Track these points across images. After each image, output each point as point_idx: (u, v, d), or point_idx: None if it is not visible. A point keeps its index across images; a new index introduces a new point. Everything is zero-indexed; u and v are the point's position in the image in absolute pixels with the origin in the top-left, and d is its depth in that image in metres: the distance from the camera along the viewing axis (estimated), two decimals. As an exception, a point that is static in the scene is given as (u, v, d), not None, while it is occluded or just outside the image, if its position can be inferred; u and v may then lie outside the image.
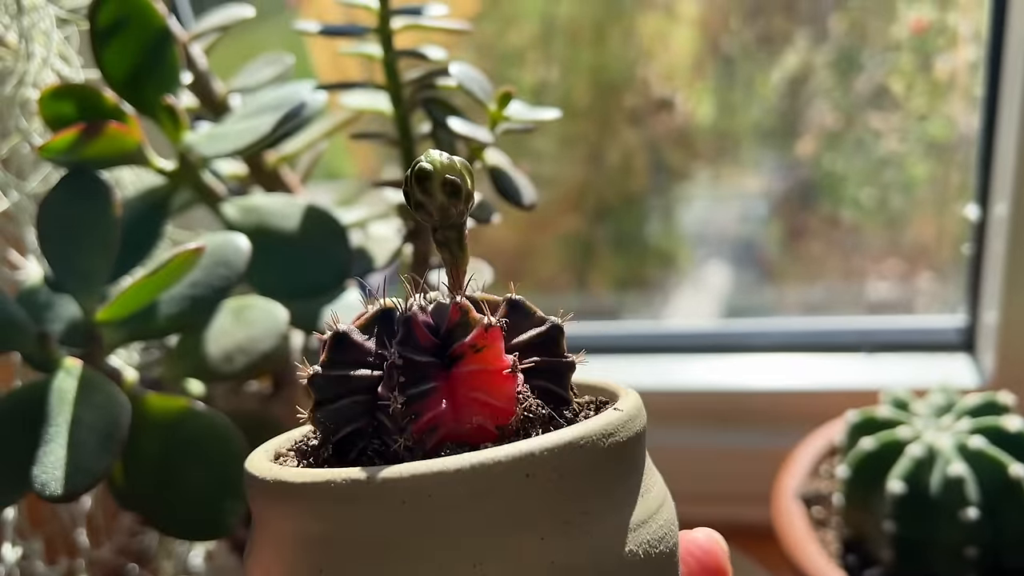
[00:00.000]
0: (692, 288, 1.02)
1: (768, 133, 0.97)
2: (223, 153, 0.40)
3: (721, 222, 1.05)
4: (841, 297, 0.95)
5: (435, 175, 0.23)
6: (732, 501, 0.70)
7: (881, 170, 0.93)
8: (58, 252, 0.39)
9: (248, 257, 0.40)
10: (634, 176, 1.04)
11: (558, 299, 1.08)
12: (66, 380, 0.36)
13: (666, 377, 0.73)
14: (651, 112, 1.01)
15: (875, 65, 0.90)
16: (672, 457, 0.72)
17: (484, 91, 0.42)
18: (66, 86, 0.42)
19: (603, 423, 0.23)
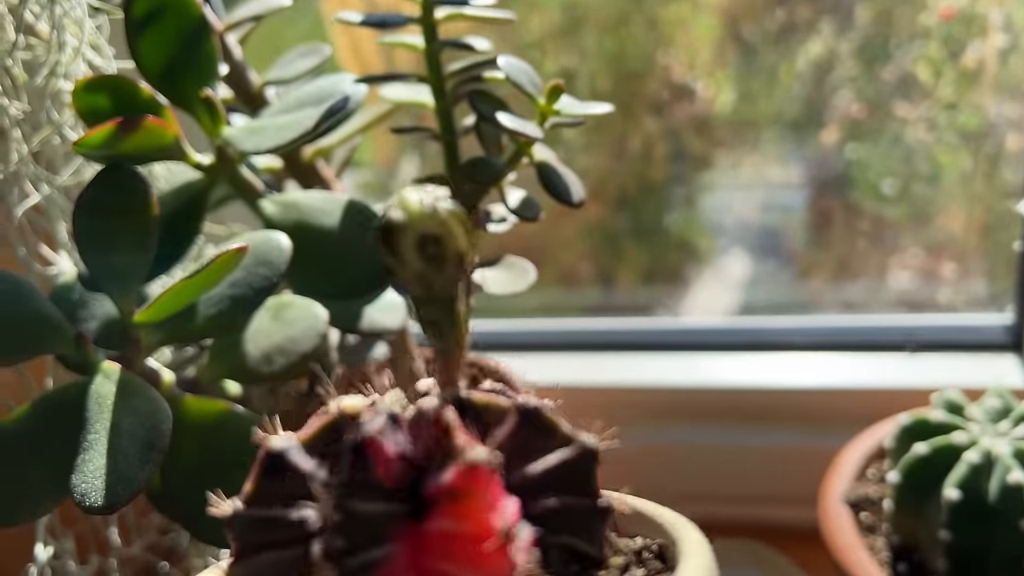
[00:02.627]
0: (714, 278, 1.01)
1: (791, 122, 0.95)
2: (264, 149, 0.38)
3: (743, 211, 1.03)
4: (868, 287, 0.93)
5: (408, 229, 0.17)
6: (773, 502, 0.69)
7: (908, 160, 0.91)
8: (94, 250, 0.37)
9: (289, 256, 0.38)
10: (655, 165, 1.03)
11: (580, 292, 1.07)
12: (104, 384, 0.35)
13: (703, 375, 0.71)
14: (672, 100, 0.99)
15: (902, 54, 0.88)
16: (713, 457, 0.70)
17: (533, 84, 0.40)
18: (100, 77, 0.41)
19: None
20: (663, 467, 0.72)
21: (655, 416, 0.72)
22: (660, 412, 0.72)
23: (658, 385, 0.71)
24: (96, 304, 0.42)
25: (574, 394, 0.73)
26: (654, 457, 0.72)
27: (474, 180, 0.42)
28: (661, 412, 0.72)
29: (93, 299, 0.42)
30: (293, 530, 0.17)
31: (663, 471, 0.72)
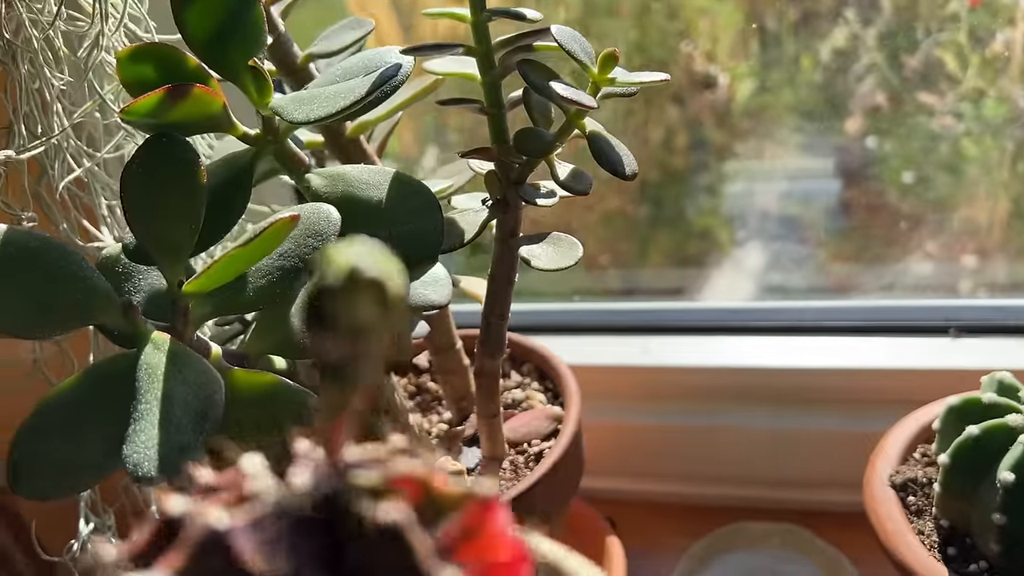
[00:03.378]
0: (735, 265, 1.00)
1: (814, 111, 0.94)
2: (314, 118, 0.38)
3: (765, 200, 1.03)
4: (892, 276, 0.92)
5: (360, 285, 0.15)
6: (814, 486, 0.68)
7: (933, 149, 0.90)
8: (143, 219, 0.37)
9: (338, 226, 0.38)
10: (676, 154, 1.02)
11: (602, 277, 1.06)
12: (154, 354, 0.34)
13: (744, 356, 0.70)
14: (694, 90, 0.98)
15: (928, 42, 0.87)
16: (753, 439, 0.70)
17: (586, 53, 0.39)
18: (146, 47, 0.40)
19: None
20: (703, 448, 0.71)
21: (696, 397, 0.71)
22: (702, 393, 0.71)
23: (699, 366, 0.70)
24: (141, 277, 0.42)
25: (617, 374, 0.72)
26: (693, 437, 0.71)
27: (524, 153, 0.41)
28: (703, 393, 0.71)
29: (138, 272, 0.42)
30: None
31: (703, 452, 0.72)
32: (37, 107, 0.48)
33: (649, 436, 0.73)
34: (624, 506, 0.74)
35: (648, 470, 0.74)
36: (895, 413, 0.58)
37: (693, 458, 0.72)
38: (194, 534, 0.15)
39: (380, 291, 0.16)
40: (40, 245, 0.35)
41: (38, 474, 0.35)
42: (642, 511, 0.74)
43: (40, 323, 0.35)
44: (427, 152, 1.03)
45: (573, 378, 0.59)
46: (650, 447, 0.73)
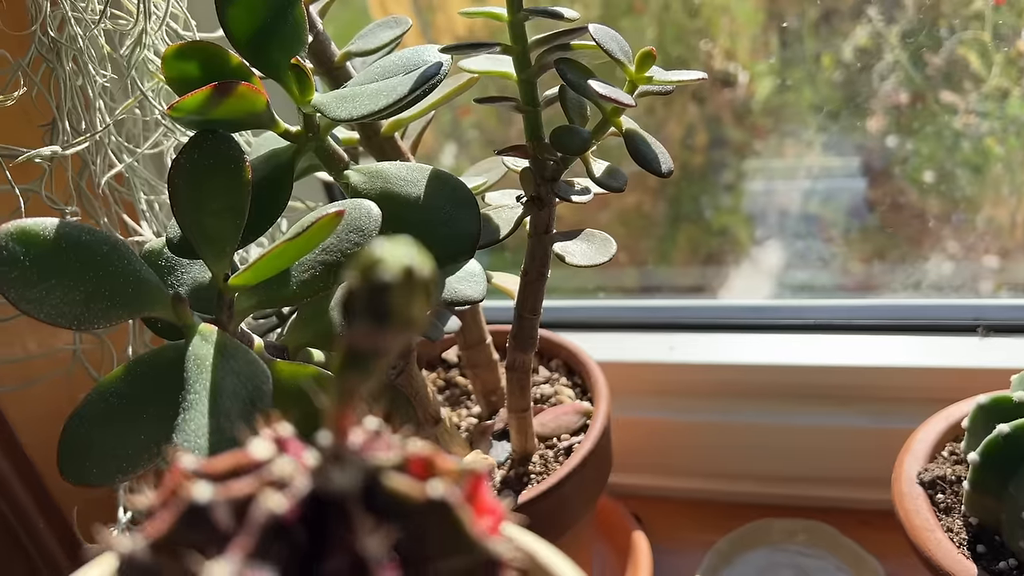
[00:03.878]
0: (753, 264, 1.00)
1: (835, 110, 0.93)
2: (357, 115, 0.38)
3: (784, 199, 1.03)
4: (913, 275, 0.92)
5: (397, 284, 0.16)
6: (841, 483, 0.68)
7: (955, 148, 0.89)
8: (190, 214, 0.38)
9: (379, 223, 0.38)
10: (696, 152, 1.02)
11: (622, 274, 1.06)
12: (202, 345, 0.35)
13: (772, 353, 0.71)
14: (714, 88, 0.99)
15: (952, 40, 0.87)
16: (779, 437, 0.70)
17: (624, 52, 0.40)
18: (190, 45, 0.41)
19: None
20: (729, 445, 0.72)
21: (722, 394, 0.72)
22: (728, 390, 0.71)
23: (725, 363, 0.71)
24: (184, 270, 0.43)
25: (642, 370, 0.73)
26: (719, 434, 0.71)
27: (562, 150, 0.42)
28: (729, 390, 0.71)
29: (180, 265, 0.43)
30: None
31: (729, 449, 0.72)
32: (80, 104, 0.49)
33: (675, 433, 0.73)
34: (650, 502, 0.74)
35: (674, 467, 0.74)
36: (922, 412, 0.58)
37: (719, 455, 0.73)
38: (178, 506, 0.15)
39: (427, 290, 0.17)
40: (91, 238, 0.36)
41: (86, 461, 0.36)
42: (668, 507, 0.75)
43: (90, 315, 0.36)
44: (445, 149, 1.04)
45: (601, 373, 0.60)
46: (676, 444, 0.73)
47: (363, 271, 0.17)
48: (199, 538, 0.15)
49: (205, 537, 0.15)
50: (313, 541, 0.15)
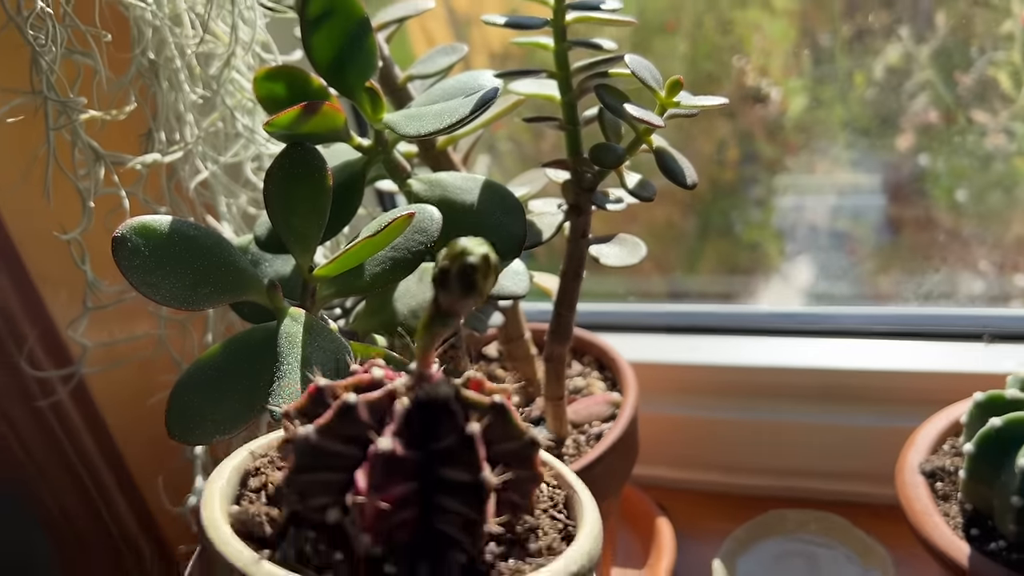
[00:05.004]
0: (783, 278, 1.04)
1: (866, 127, 0.96)
2: (424, 132, 0.45)
3: (814, 215, 1.06)
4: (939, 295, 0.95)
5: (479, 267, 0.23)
6: (853, 478, 0.73)
7: (985, 167, 0.92)
8: (281, 214, 0.44)
9: (440, 226, 0.44)
10: (727, 167, 1.06)
11: (649, 287, 1.11)
12: (293, 325, 0.41)
13: (791, 356, 0.76)
14: (746, 104, 1.02)
15: (983, 60, 0.90)
16: (795, 434, 0.75)
17: (655, 79, 0.46)
18: (279, 68, 0.48)
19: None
20: (747, 441, 0.77)
21: (743, 394, 0.77)
22: (748, 390, 0.77)
23: (747, 365, 0.76)
24: (267, 263, 0.49)
25: (669, 371, 0.78)
26: (739, 431, 0.76)
27: (599, 164, 0.48)
28: (749, 390, 0.77)
29: (264, 259, 0.49)
30: (342, 461, 0.23)
31: (747, 445, 0.77)
32: (174, 118, 0.56)
33: (697, 429, 0.78)
34: (673, 493, 0.80)
35: (696, 460, 0.80)
36: (929, 412, 0.63)
37: (738, 450, 0.78)
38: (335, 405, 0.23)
39: (496, 271, 0.24)
40: (198, 233, 0.42)
41: (190, 423, 0.43)
42: (689, 498, 0.80)
43: (197, 297, 0.42)
44: (479, 159, 1.09)
45: (630, 369, 0.65)
46: (698, 439, 0.79)
47: (454, 256, 0.24)
48: (346, 430, 0.21)
49: (351, 430, 0.21)
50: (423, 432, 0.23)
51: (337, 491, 0.23)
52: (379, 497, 0.22)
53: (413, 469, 0.23)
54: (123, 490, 0.70)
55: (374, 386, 0.24)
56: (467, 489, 0.23)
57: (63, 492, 0.69)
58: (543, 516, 0.27)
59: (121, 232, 0.40)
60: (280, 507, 0.24)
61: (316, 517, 0.23)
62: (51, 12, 0.46)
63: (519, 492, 0.25)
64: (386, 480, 0.22)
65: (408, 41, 0.92)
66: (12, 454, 0.67)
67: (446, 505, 0.23)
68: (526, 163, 1.08)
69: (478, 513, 0.23)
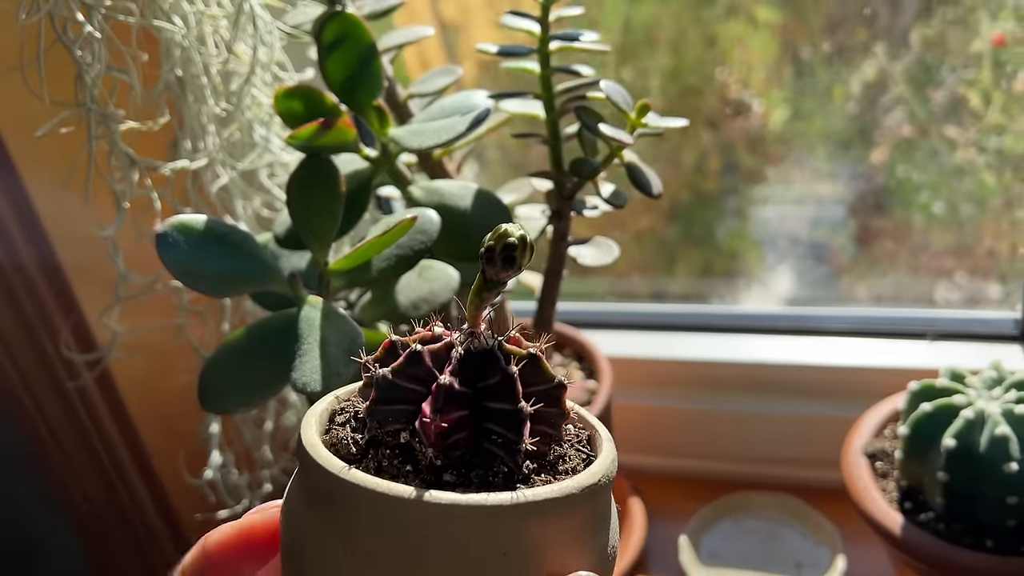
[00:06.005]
0: (762, 287, 1.10)
1: (843, 141, 1.00)
2: (427, 146, 0.51)
3: (792, 225, 1.10)
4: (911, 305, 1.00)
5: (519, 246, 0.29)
6: (807, 464, 0.80)
7: (955, 181, 0.98)
8: (301, 215, 0.51)
9: (439, 227, 0.51)
10: (709, 177, 1.10)
11: (633, 292, 1.17)
12: (311, 311, 0.48)
13: (753, 353, 0.83)
14: (728, 116, 1.06)
15: (954, 78, 0.93)
16: (758, 424, 0.82)
17: (626, 102, 0.52)
18: (296, 88, 0.54)
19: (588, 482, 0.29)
20: (714, 430, 0.84)
21: (711, 386, 0.84)
22: (716, 383, 0.84)
23: (716, 360, 0.83)
24: (285, 259, 0.56)
25: (644, 365, 0.85)
26: (707, 420, 0.83)
27: (577, 175, 0.55)
28: (717, 383, 0.84)
29: (282, 255, 0.56)
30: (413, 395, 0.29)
31: (714, 434, 0.84)
32: (198, 128, 0.63)
33: (669, 418, 0.85)
34: (647, 477, 0.87)
35: (668, 447, 0.87)
36: (879, 402, 0.71)
37: (706, 438, 0.85)
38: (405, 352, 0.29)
39: (532, 249, 0.30)
40: (229, 230, 0.49)
41: (219, 395, 0.49)
42: (661, 482, 0.86)
43: (227, 286, 0.49)
44: (468, 167, 1.15)
45: (606, 360, 0.72)
46: (670, 428, 0.86)
47: (498, 236, 0.29)
48: (414, 372, 0.29)
49: (418, 372, 0.29)
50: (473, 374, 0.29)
51: (407, 418, 0.29)
52: (440, 419, 0.28)
53: (466, 400, 0.29)
54: (140, 470, 0.76)
55: (435, 340, 0.30)
56: (508, 416, 0.29)
57: (84, 472, 0.75)
58: (570, 448, 0.32)
59: (164, 228, 0.46)
60: (362, 433, 0.30)
61: (391, 440, 0.29)
62: (98, 35, 0.53)
63: (549, 424, 0.30)
64: (446, 406, 0.28)
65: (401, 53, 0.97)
66: (39, 436, 0.73)
67: (492, 428, 0.29)
68: (512, 169, 1.13)
69: (517, 435, 0.29)
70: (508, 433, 0.29)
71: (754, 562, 0.76)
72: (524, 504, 0.27)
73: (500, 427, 0.29)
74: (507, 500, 0.27)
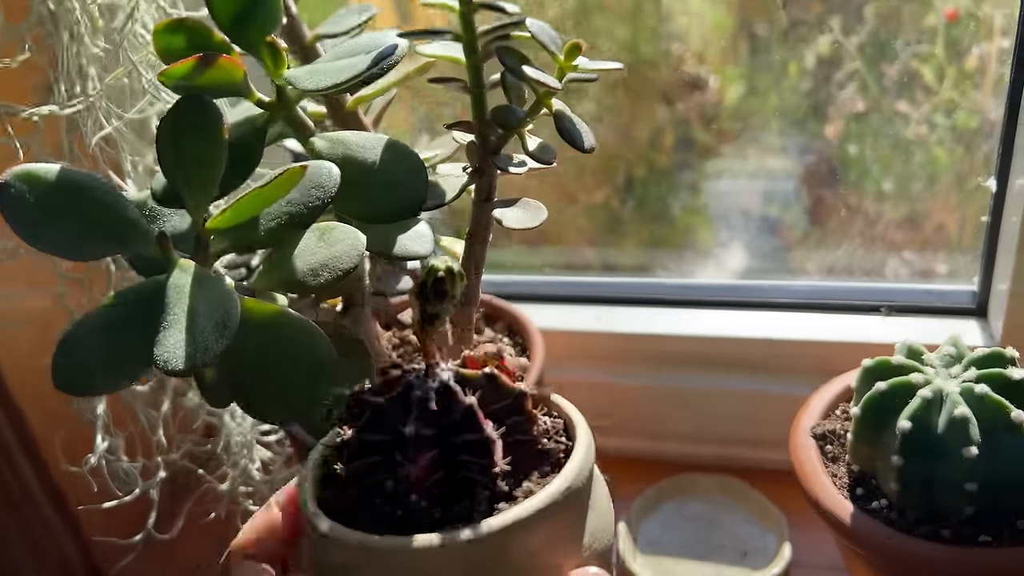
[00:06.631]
0: (714, 261, 1.06)
1: (797, 116, 0.99)
2: (322, 87, 0.45)
3: (746, 200, 1.08)
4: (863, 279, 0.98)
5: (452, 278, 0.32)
6: (760, 445, 0.76)
7: (906, 155, 0.96)
8: (175, 165, 0.44)
9: (338, 182, 0.44)
10: (663, 152, 1.07)
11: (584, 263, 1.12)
12: (182, 276, 0.41)
13: (696, 326, 0.78)
14: (682, 90, 1.04)
15: (908, 52, 0.92)
16: (702, 402, 0.77)
17: (555, 43, 0.46)
18: (178, 21, 0.47)
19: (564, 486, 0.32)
20: (656, 408, 0.79)
21: (651, 361, 0.79)
22: (656, 358, 0.78)
23: (658, 334, 0.78)
24: (166, 219, 0.49)
25: (582, 338, 0.80)
26: (649, 397, 0.78)
27: (500, 126, 0.48)
28: (657, 358, 0.78)
29: (163, 214, 0.49)
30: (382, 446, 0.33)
31: (656, 411, 0.79)
32: (74, 70, 0.55)
33: (610, 395, 0.80)
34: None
35: (609, 426, 0.81)
36: (831, 380, 0.66)
37: (649, 417, 0.80)
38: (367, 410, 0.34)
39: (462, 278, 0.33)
40: (89, 182, 0.42)
41: (75, 372, 0.42)
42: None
43: (84, 248, 0.42)
44: (420, 139, 1.09)
45: (539, 334, 0.66)
46: (610, 405, 0.80)
47: (428, 271, 0.32)
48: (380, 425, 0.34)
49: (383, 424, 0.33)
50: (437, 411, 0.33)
51: (388, 468, 0.32)
52: (414, 467, 0.31)
53: (435, 439, 0.32)
54: (25, 450, 0.69)
55: (394, 383, 0.34)
56: (477, 444, 0.32)
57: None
58: (549, 442, 0.35)
59: (4, 179, 0.39)
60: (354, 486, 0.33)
61: (378, 490, 0.32)
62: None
63: (521, 432, 0.33)
64: (416, 452, 0.31)
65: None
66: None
67: (465, 459, 0.32)
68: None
69: (489, 459, 0.32)
70: (481, 460, 0.32)
71: (697, 549, 0.71)
72: (508, 527, 0.30)
73: (472, 456, 0.32)
74: (494, 526, 0.30)
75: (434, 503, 0.32)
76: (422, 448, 0.31)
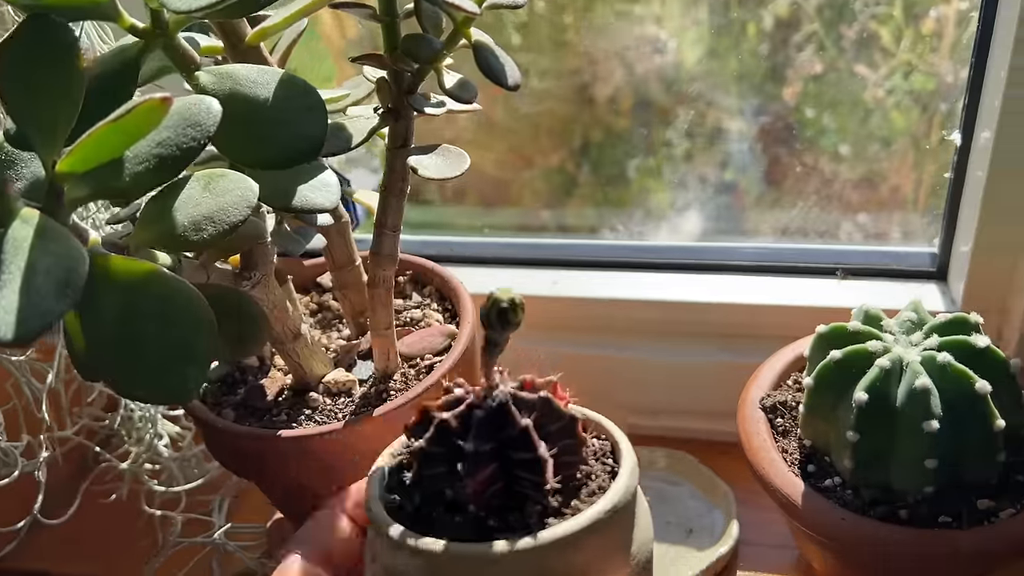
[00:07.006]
0: (670, 225, 1.02)
1: (756, 79, 0.96)
2: (196, 7, 0.38)
3: (702, 163, 1.05)
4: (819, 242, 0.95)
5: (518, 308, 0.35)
6: (708, 416, 0.71)
7: (865, 119, 0.93)
8: (21, 102, 0.37)
9: (218, 119, 0.38)
10: (621, 115, 1.03)
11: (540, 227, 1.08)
12: (22, 228, 0.35)
13: (639, 289, 0.73)
14: (642, 53, 0.99)
15: (865, 15, 0.90)
16: (648, 370, 0.72)
17: (472, -39, 0.40)
18: (31, -69, 0.40)
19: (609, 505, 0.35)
20: (601, 377, 0.74)
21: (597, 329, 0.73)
22: (603, 325, 0.73)
23: (601, 298, 0.73)
24: (24, 165, 0.42)
25: (532, 304, 0.74)
26: (592, 366, 0.73)
27: (413, 58, 0.42)
28: (604, 325, 0.73)
29: (21, 159, 0.42)
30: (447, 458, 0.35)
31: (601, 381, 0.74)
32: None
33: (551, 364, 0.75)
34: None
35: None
36: (783, 346, 0.61)
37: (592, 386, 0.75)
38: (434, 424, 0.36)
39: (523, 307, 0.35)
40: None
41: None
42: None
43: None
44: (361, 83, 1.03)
45: (470, 299, 0.61)
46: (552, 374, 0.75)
47: (492, 303, 0.34)
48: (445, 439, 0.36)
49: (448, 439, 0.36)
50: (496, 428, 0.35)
51: (449, 478, 0.35)
52: (473, 479, 0.34)
53: (494, 453, 0.34)
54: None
55: (458, 402, 0.36)
56: (531, 463, 0.34)
57: None
58: (596, 464, 0.38)
59: None
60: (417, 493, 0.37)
61: (439, 497, 0.36)
62: None
63: (571, 453, 0.36)
64: (475, 467, 0.34)
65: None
66: None
67: (520, 475, 0.34)
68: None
69: (541, 477, 0.34)
70: (534, 477, 0.34)
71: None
72: (559, 540, 0.33)
73: (526, 473, 0.34)
74: (544, 539, 0.33)
75: (490, 513, 0.35)
76: (481, 463, 0.34)
